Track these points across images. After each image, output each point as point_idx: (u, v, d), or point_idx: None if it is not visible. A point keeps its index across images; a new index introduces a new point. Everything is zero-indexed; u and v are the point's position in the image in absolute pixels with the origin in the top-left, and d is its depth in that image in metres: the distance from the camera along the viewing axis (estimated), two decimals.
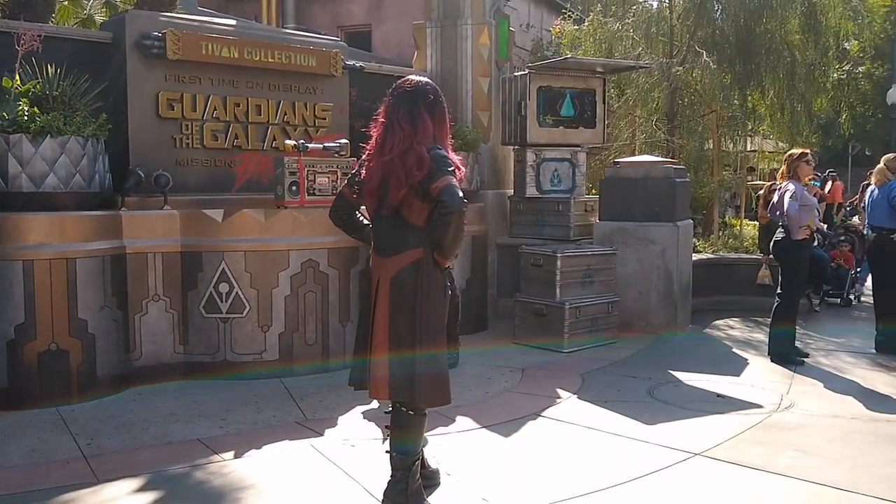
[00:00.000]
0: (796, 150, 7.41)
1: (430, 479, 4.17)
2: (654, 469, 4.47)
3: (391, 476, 3.82)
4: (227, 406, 5.58)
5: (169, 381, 6.11)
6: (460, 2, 8.80)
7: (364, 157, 3.77)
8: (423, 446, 4.02)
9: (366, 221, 3.96)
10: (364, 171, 3.73)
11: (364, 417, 5.34)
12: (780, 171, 7.26)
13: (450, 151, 3.71)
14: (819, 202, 10.69)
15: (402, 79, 3.83)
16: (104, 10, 9.37)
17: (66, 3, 8.98)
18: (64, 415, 5.34)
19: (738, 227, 14.34)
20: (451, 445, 4.84)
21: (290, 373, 6.31)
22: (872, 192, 7.70)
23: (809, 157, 7.29)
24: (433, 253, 3.62)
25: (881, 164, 7.70)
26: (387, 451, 3.85)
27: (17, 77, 5.71)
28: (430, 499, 3.97)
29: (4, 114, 5.47)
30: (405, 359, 3.62)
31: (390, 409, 3.88)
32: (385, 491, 3.84)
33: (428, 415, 3.89)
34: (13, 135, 5.46)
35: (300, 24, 18.26)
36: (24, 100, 5.58)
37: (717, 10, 11.61)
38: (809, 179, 8.07)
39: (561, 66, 8.51)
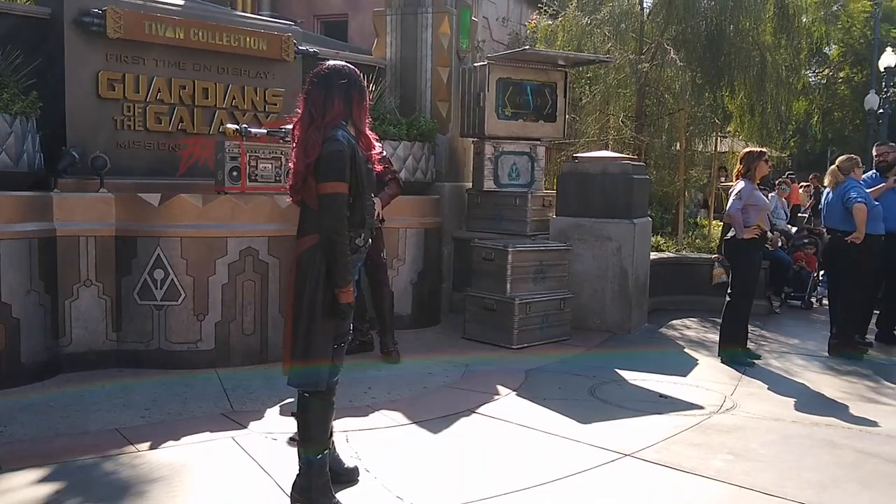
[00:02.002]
0: (755, 149, 7.33)
1: (347, 476, 4.04)
2: (580, 469, 4.35)
3: (297, 470, 3.69)
4: (155, 396, 5.42)
5: (100, 370, 5.93)
6: None
7: None
8: (339, 443, 3.89)
9: None
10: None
11: (291, 411, 5.17)
12: (736, 170, 7.15)
13: (366, 131, 3.73)
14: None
15: (320, 64, 3.77)
16: None
17: None
18: None
19: (708, 228, 14.27)
20: (378, 441, 4.70)
21: (226, 363, 6.15)
22: (827, 194, 7.61)
23: (767, 156, 7.20)
24: None
25: (833, 166, 7.62)
26: (291, 439, 3.75)
27: None
28: (341, 496, 3.82)
29: None
30: (294, 339, 3.60)
31: None
32: (292, 485, 3.72)
33: (333, 406, 3.76)
34: None
35: (275, 11, 18.05)
36: None
37: (687, 8, 11.47)
38: (779, 183, 7.93)
39: (520, 57, 8.35)
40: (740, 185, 6.81)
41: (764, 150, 7.24)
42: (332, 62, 3.79)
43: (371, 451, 4.49)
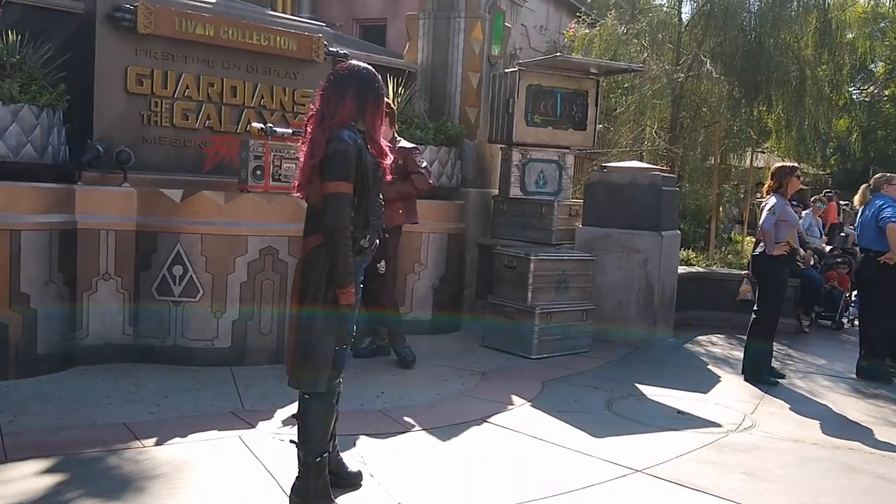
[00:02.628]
0: (787, 164, 7.19)
1: (350, 479, 3.99)
2: (588, 483, 4.25)
3: (297, 471, 3.66)
4: (166, 392, 5.41)
5: (115, 363, 5.94)
6: None
7: None
8: (342, 446, 3.84)
9: None
10: None
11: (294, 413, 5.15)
12: (767, 185, 7.00)
13: (378, 137, 3.68)
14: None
15: (341, 63, 3.75)
16: None
17: None
18: None
19: (742, 244, 14.06)
20: (385, 446, 4.65)
21: (241, 362, 6.13)
22: (862, 213, 7.43)
23: (799, 172, 7.05)
24: None
25: (865, 184, 7.46)
26: (292, 440, 3.72)
27: None
28: (343, 500, 3.79)
29: None
30: (296, 339, 3.60)
31: None
32: (291, 487, 3.68)
33: (335, 409, 3.72)
34: None
35: (315, 14, 18.17)
36: None
37: (726, 20, 11.31)
38: (814, 201, 7.74)
39: (551, 64, 8.28)
40: (772, 200, 6.67)
41: (796, 165, 7.08)
42: (352, 62, 3.76)
43: (378, 457, 4.44)
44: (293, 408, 5.09)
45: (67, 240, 5.73)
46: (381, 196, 3.75)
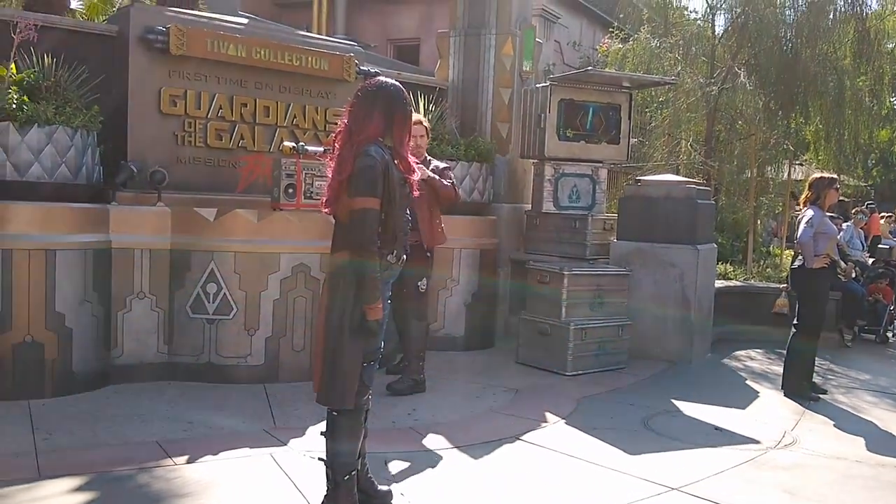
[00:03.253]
0: (825, 175, 7.05)
1: (380, 498, 3.95)
2: (623, 502, 4.17)
3: (326, 489, 3.63)
4: (200, 409, 5.42)
5: (150, 382, 5.98)
6: (485, 11, 8.62)
7: None
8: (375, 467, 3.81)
9: None
10: None
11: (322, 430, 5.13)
12: (804, 196, 6.87)
13: (405, 154, 3.67)
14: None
15: (369, 80, 3.76)
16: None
17: (97, 0, 9.01)
18: (33, 408, 5.23)
19: (780, 257, 13.83)
20: (416, 464, 4.60)
21: (274, 379, 6.14)
22: None
23: (837, 183, 6.91)
24: None
25: None
26: (320, 458, 3.71)
27: (13, 66, 5.68)
28: None
29: None
30: (324, 355, 3.59)
31: None
32: None
33: (363, 426, 3.69)
34: (0, 122, 5.40)
35: (349, 34, 18.33)
36: (15, 88, 5.53)
37: (760, 32, 11.19)
38: (855, 212, 7.57)
39: (583, 78, 8.23)
40: (810, 212, 6.54)
41: (834, 176, 6.94)
42: (380, 79, 3.77)
43: (408, 475, 4.40)
44: (324, 426, 5.10)
45: (102, 259, 5.78)
46: (408, 212, 3.73)
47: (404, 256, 3.71)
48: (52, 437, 4.73)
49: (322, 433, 3.73)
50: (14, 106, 5.41)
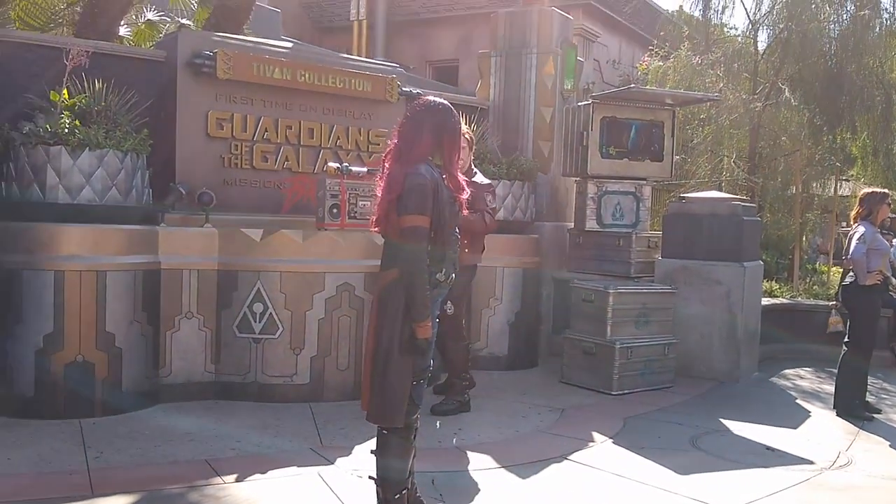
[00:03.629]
0: (877, 190, 6.94)
1: None
2: None
3: None
4: (247, 428, 5.46)
5: (197, 400, 6.04)
6: (526, 31, 8.65)
7: None
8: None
9: None
10: None
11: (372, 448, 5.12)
12: (854, 212, 6.76)
13: (455, 173, 3.69)
14: None
15: (419, 99, 3.80)
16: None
17: (142, 26, 9.19)
18: (84, 426, 5.31)
19: (827, 274, 13.61)
20: (463, 484, 4.59)
21: (319, 398, 6.16)
22: None
23: (889, 198, 6.80)
24: None
25: None
26: (370, 477, 3.72)
27: (65, 91, 5.81)
28: None
29: (47, 126, 5.55)
30: (373, 374, 3.59)
31: None
32: None
33: (412, 445, 3.68)
34: (53, 147, 5.53)
35: (388, 57, 18.49)
36: (67, 113, 5.66)
37: (804, 47, 11.08)
38: None
39: (625, 96, 8.21)
40: (861, 228, 6.45)
41: (886, 192, 6.83)
42: (430, 98, 3.81)
43: (455, 495, 4.39)
44: (372, 444, 5.11)
45: (151, 280, 5.87)
46: (457, 230, 3.73)
47: (453, 275, 3.70)
48: (102, 456, 4.79)
49: (372, 451, 3.73)
50: (66, 130, 5.53)
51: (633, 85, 9.34)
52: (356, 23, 19.40)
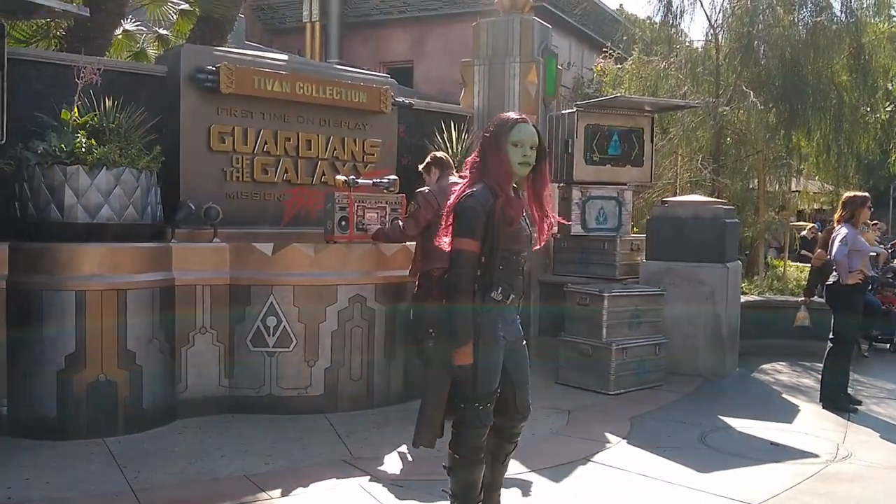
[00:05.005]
0: (858, 194, 7.24)
1: None
2: None
3: None
4: (272, 441, 5.54)
5: (213, 415, 6.07)
6: (508, 40, 8.83)
7: None
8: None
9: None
10: None
11: (410, 457, 5.26)
12: (837, 215, 7.11)
13: (504, 189, 3.56)
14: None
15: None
16: (157, 43, 9.50)
17: (119, 36, 9.10)
18: (111, 446, 5.32)
19: (782, 269, 14.12)
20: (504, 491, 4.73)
21: (334, 408, 6.26)
22: None
23: (870, 201, 7.15)
24: None
25: None
26: (443, 490, 3.87)
27: (76, 109, 5.79)
28: None
29: (63, 145, 5.53)
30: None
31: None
32: None
33: (482, 462, 3.77)
34: (70, 166, 5.52)
35: (342, 58, 18.49)
36: (82, 132, 5.64)
37: (762, 50, 11.51)
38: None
39: (610, 104, 8.47)
40: (843, 230, 6.79)
41: (867, 195, 7.17)
42: (503, 115, 3.74)
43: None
44: (401, 453, 5.25)
45: (167, 296, 5.89)
46: (520, 251, 3.70)
47: (512, 295, 3.66)
48: (141, 475, 4.81)
49: (443, 466, 3.82)
50: (83, 149, 5.52)
51: (619, 94, 9.61)
52: (308, 24, 19.36)
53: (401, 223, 6.23)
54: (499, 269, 3.60)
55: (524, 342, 3.86)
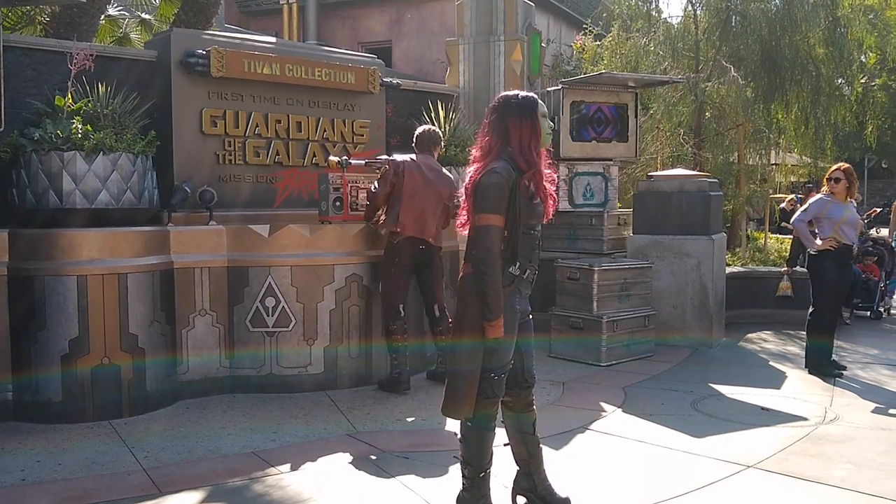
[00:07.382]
0: (843, 166, 7.33)
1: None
2: (708, 482, 4.49)
3: (462, 484, 3.88)
4: (277, 419, 5.64)
5: (214, 396, 6.16)
6: (493, 18, 8.92)
7: None
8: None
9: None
10: None
11: (414, 429, 5.38)
12: (826, 188, 7.25)
13: (538, 164, 3.65)
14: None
15: (499, 95, 3.86)
16: (140, 28, 9.48)
17: (103, 22, 9.08)
18: (117, 428, 5.40)
19: (763, 241, 14.36)
20: (501, 457, 4.86)
21: (334, 386, 6.36)
22: None
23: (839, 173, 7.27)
24: None
25: None
26: (454, 457, 3.97)
27: (70, 96, 5.82)
28: None
29: (59, 132, 5.56)
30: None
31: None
32: (457, 498, 3.89)
33: (492, 432, 3.84)
34: (67, 152, 5.56)
35: (321, 40, 18.46)
36: (77, 118, 5.67)
37: (740, 25, 11.66)
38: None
39: (595, 80, 8.58)
40: (811, 199, 7.01)
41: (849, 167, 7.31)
42: (506, 93, 3.79)
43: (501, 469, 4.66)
44: (402, 427, 5.37)
45: (166, 280, 5.95)
46: (538, 227, 3.79)
47: (528, 269, 3.74)
48: (151, 454, 4.90)
49: (456, 434, 3.92)
50: (80, 135, 5.56)
51: (603, 71, 9.73)
52: (286, 6, 19.26)
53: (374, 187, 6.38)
54: (520, 244, 3.68)
55: (530, 315, 3.94)
